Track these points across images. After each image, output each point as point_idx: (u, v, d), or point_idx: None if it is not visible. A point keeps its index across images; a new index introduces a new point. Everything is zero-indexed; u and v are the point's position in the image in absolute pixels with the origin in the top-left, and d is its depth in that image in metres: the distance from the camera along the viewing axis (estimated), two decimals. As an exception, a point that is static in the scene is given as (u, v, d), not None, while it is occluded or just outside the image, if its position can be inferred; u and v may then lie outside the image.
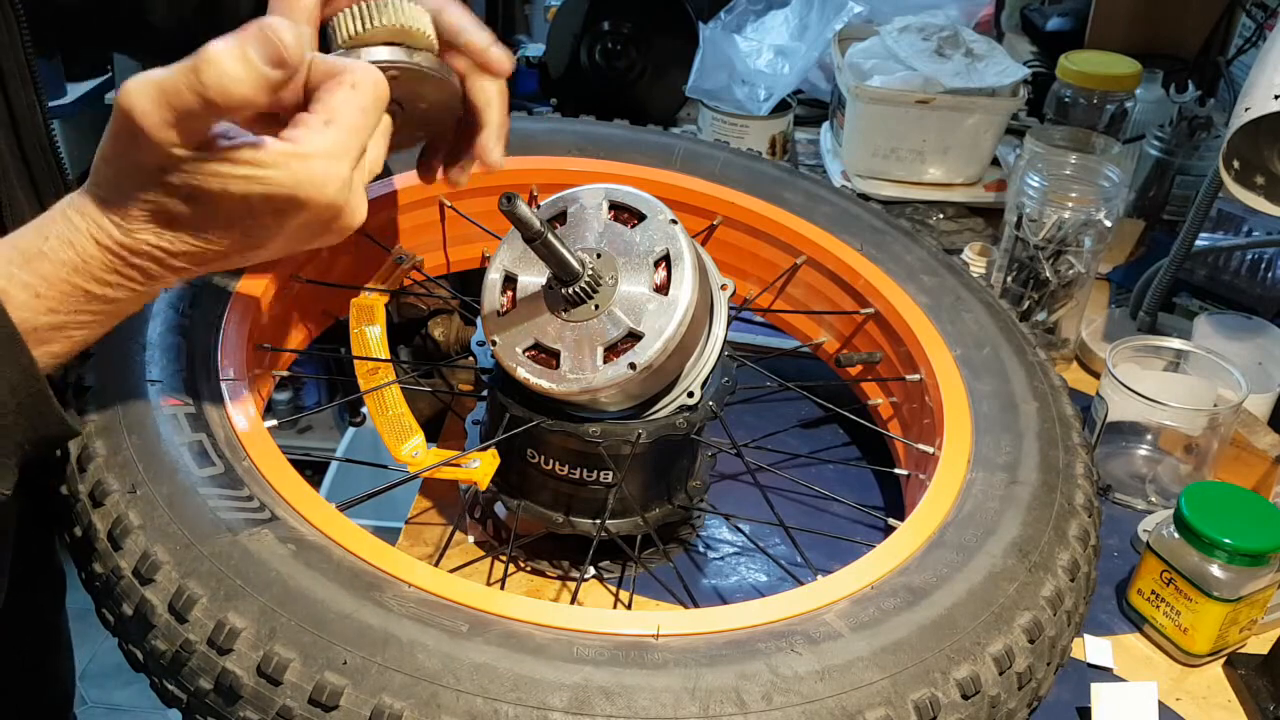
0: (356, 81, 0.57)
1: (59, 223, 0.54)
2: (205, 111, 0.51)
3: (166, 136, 0.51)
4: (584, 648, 0.58)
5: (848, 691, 0.57)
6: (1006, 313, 0.90)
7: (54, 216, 0.55)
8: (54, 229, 0.54)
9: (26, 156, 0.71)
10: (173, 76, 0.50)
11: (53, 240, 0.54)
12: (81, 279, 0.54)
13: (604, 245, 0.73)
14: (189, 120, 0.51)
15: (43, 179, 0.72)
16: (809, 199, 0.97)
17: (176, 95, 0.50)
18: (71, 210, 0.54)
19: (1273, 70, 0.87)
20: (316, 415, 2.66)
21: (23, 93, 0.69)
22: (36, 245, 0.54)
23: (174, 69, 0.51)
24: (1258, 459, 0.95)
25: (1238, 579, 0.78)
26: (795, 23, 1.48)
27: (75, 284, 0.54)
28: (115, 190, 0.54)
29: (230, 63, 0.51)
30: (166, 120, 0.51)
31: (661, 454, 0.78)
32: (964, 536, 0.69)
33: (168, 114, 0.51)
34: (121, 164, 0.53)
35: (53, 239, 0.54)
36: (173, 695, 0.59)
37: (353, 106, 0.56)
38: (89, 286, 0.55)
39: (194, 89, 0.50)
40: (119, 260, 0.55)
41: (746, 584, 0.84)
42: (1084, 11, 1.56)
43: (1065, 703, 0.76)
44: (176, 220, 0.54)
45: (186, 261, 0.56)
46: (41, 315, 0.54)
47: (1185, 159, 1.32)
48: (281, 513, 0.63)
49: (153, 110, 0.51)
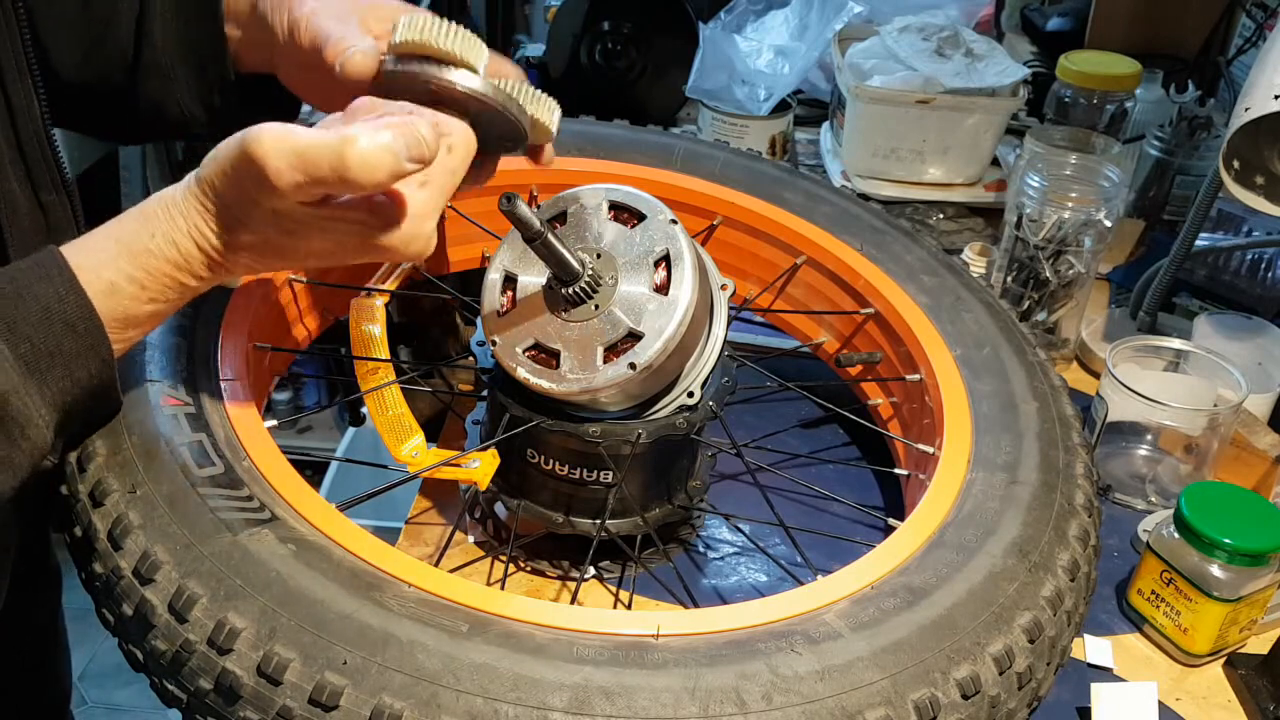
0: (454, 145, 0.62)
1: (164, 221, 0.59)
2: (338, 186, 0.56)
3: (294, 195, 0.56)
4: (584, 648, 0.58)
5: (848, 691, 0.57)
6: (1006, 313, 0.90)
7: (156, 213, 0.59)
8: (159, 227, 0.59)
9: (23, 150, 0.71)
10: (315, 147, 0.55)
11: (159, 239, 0.59)
12: (182, 275, 0.60)
13: (604, 245, 0.73)
14: (318, 187, 0.56)
15: (39, 173, 0.72)
16: (809, 199, 0.97)
17: (315, 166, 0.55)
18: (177, 212, 0.59)
19: (1273, 70, 0.87)
20: (316, 415, 2.66)
21: (20, 85, 0.69)
22: (142, 242, 0.59)
23: (314, 140, 0.55)
24: (1258, 459, 0.95)
25: (1238, 579, 0.78)
26: (795, 23, 1.48)
27: (176, 279, 0.60)
28: (226, 211, 0.59)
29: (379, 156, 0.55)
30: (297, 182, 0.56)
31: (661, 454, 0.78)
32: (964, 536, 0.69)
33: (300, 177, 0.56)
34: (240, 196, 0.58)
35: (159, 237, 0.59)
36: (173, 695, 0.59)
37: (446, 170, 0.61)
38: (187, 281, 0.60)
39: (335, 168, 0.55)
40: (216, 263, 0.60)
41: (746, 584, 0.84)
42: (1084, 11, 1.56)
43: (1065, 703, 0.76)
44: (273, 246, 0.60)
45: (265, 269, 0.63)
46: (144, 305, 0.60)
47: (1185, 159, 1.32)
48: (281, 513, 0.63)
49: (286, 171, 0.55)
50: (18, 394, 0.56)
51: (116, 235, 0.59)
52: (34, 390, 0.57)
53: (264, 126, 0.56)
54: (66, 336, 0.57)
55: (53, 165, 0.73)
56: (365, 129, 0.56)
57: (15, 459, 0.57)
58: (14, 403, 0.56)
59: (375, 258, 0.62)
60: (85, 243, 0.60)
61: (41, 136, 0.72)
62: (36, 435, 0.57)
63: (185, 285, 0.60)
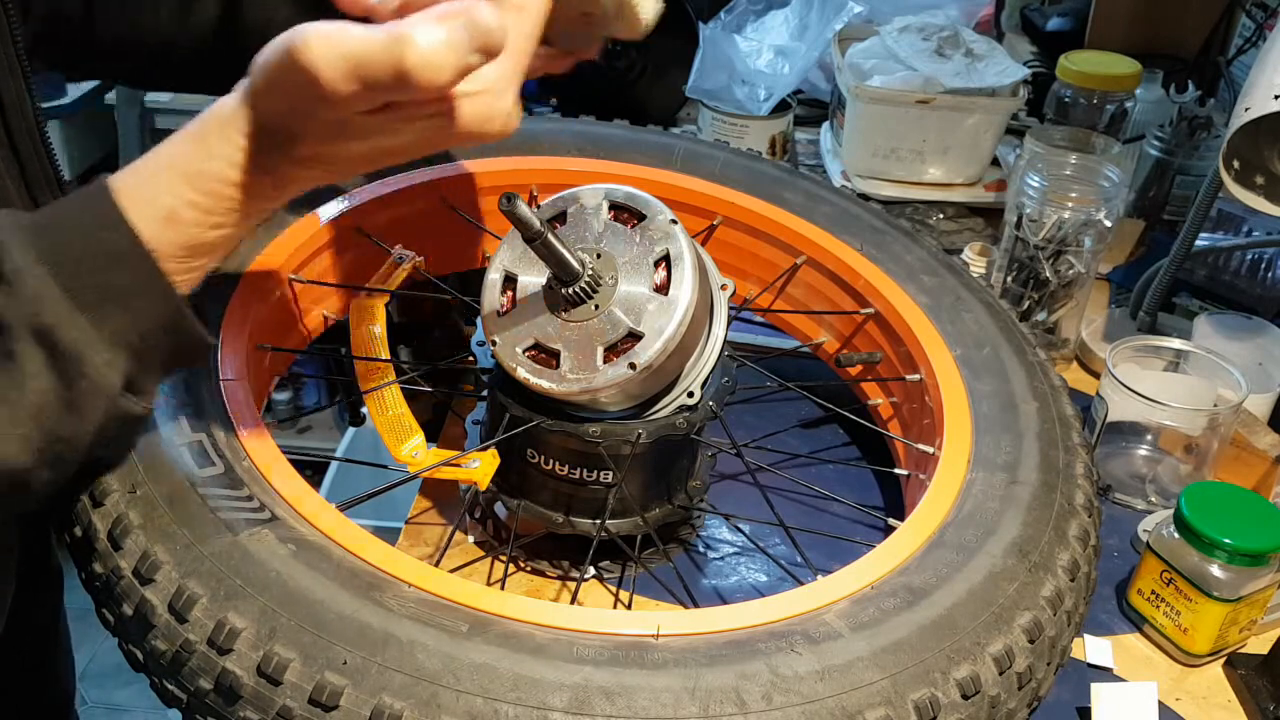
0: (524, 3, 0.55)
1: (220, 141, 0.54)
2: (398, 88, 0.51)
3: (352, 103, 0.51)
4: (584, 648, 0.58)
5: (848, 691, 0.57)
6: (1006, 313, 0.90)
7: (211, 131, 0.55)
8: (216, 148, 0.54)
9: (16, 146, 0.69)
10: (369, 50, 0.49)
11: (216, 160, 0.54)
12: (245, 195, 0.55)
13: (604, 245, 0.73)
14: (379, 91, 0.51)
15: (33, 171, 0.71)
16: (809, 199, 0.97)
17: (370, 70, 0.50)
18: (233, 130, 0.54)
19: (1273, 70, 0.87)
20: (316, 415, 2.66)
21: (11, 82, 0.68)
22: (197, 164, 0.54)
23: (368, 44, 0.49)
24: (1258, 459, 0.95)
25: (1238, 579, 0.78)
26: (795, 23, 1.47)
27: (239, 199, 0.55)
28: (284, 124, 0.54)
29: (440, 55, 0.50)
30: (354, 91, 0.50)
31: (661, 454, 0.78)
32: (964, 536, 0.69)
33: (356, 85, 0.50)
34: (293, 108, 0.53)
35: (216, 159, 0.54)
36: (173, 695, 0.59)
37: (520, 34, 0.55)
38: (252, 200, 0.56)
39: (394, 69, 0.49)
40: (282, 178, 0.56)
41: (746, 584, 0.84)
42: (1084, 11, 1.56)
43: (1065, 703, 0.76)
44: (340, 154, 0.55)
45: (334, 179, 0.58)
46: (209, 231, 0.55)
47: (1185, 159, 1.32)
48: (281, 513, 0.63)
49: (340, 80, 0.50)
50: (65, 327, 0.52)
51: (170, 160, 0.55)
52: (86, 324, 0.53)
53: (310, 28, 0.50)
54: (114, 268, 0.53)
55: (46, 163, 0.72)
56: (422, 23, 0.50)
57: (78, 401, 0.53)
58: (63, 336, 0.52)
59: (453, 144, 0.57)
60: (139, 167, 0.56)
61: (35, 134, 0.70)
62: (97, 375, 0.53)
63: (252, 206, 0.56)
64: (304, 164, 0.56)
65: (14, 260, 0.52)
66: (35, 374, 0.52)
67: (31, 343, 0.52)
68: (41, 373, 0.52)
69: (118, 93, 2.31)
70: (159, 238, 0.54)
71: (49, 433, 0.53)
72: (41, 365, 0.52)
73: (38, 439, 0.53)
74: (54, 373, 0.53)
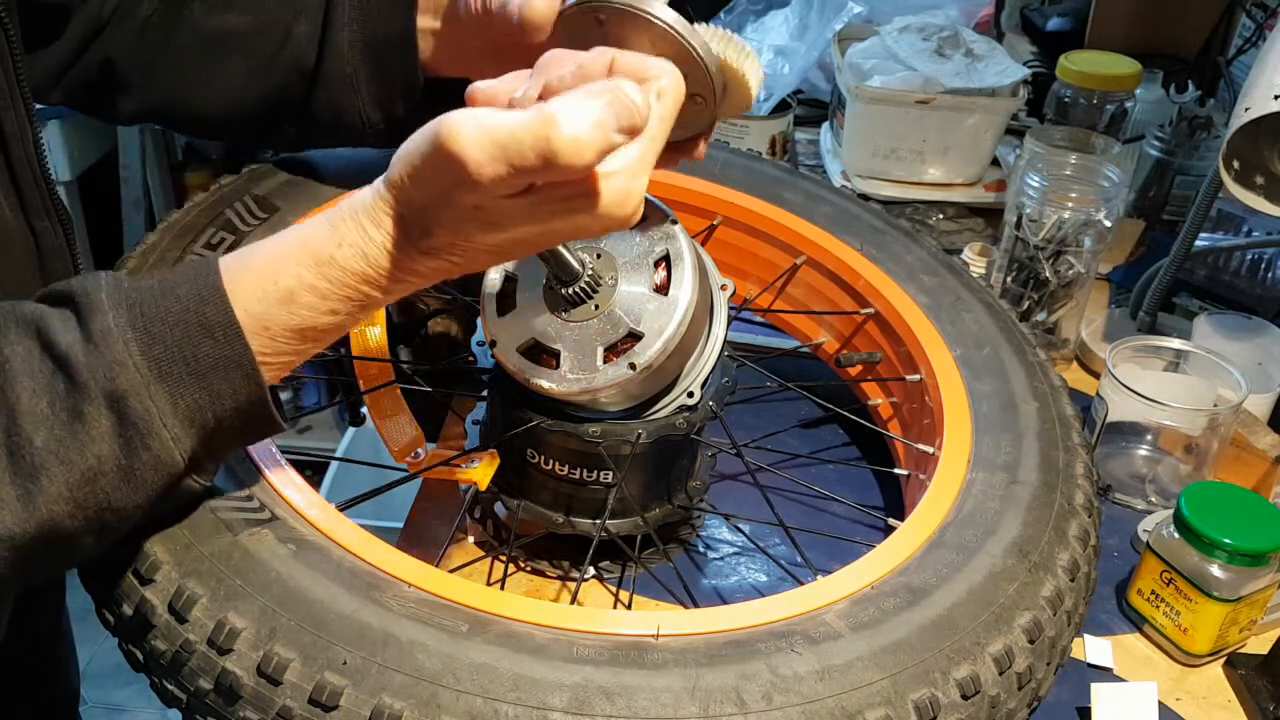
0: (663, 90, 0.55)
1: (353, 231, 0.54)
2: (545, 173, 0.50)
3: (496, 189, 0.51)
4: (584, 648, 0.58)
5: (848, 691, 0.57)
6: (1006, 313, 0.90)
7: (345, 220, 0.55)
8: (348, 236, 0.54)
9: (15, 176, 0.69)
10: (515, 134, 0.49)
11: (346, 249, 0.54)
12: (369, 287, 0.55)
13: (604, 245, 0.73)
14: (523, 177, 0.51)
15: (32, 200, 0.70)
16: (809, 199, 0.97)
17: (518, 154, 0.49)
18: (368, 221, 0.54)
19: (1273, 70, 0.87)
20: (316, 415, 2.66)
21: (11, 111, 0.67)
22: (329, 251, 0.54)
23: (514, 128, 0.49)
24: (1258, 459, 0.95)
25: (1238, 579, 0.78)
26: (795, 23, 1.48)
27: (362, 291, 0.55)
28: (421, 215, 0.54)
29: (588, 135, 0.49)
30: (499, 175, 0.50)
31: (661, 454, 0.78)
32: (964, 536, 0.69)
33: (503, 170, 0.50)
34: (435, 195, 0.53)
35: (346, 247, 0.54)
36: (173, 695, 0.59)
37: (658, 118, 0.54)
38: (373, 294, 0.55)
39: (541, 153, 0.49)
40: (406, 274, 0.55)
41: (746, 584, 0.84)
42: (1084, 11, 1.56)
43: (1065, 703, 0.76)
44: (472, 245, 0.55)
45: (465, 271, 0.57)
46: (323, 316, 0.55)
47: (1185, 159, 1.32)
48: (281, 513, 0.63)
49: (488, 164, 0.50)
50: (139, 397, 0.52)
51: (300, 242, 0.55)
52: (162, 397, 0.52)
53: (457, 116, 0.50)
54: (204, 342, 0.52)
55: (45, 192, 0.71)
56: (568, 106, 0.50)
57: (137, 472, 0.53)
58: (134, 406, 0.52)
59: (587, 229, 0.55)
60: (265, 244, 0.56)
61: (34, 163, 0.70)
62: (161, 449, 0.53)
63: (370, 298, 0.56)
64: (434, 254, 0.55)
65: (105, 321, 0.52)
66: (99, 438, 0.52)
67: (102, 406, 0.52)
68: (106, 438, 0.52)
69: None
70: (272, 315, 0.54)
71: (101, 500, 0.53)
72: (108, 430, 0.52)
73: (89, 504, 0.52)
74: (119, 440, 0.52)
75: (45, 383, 0.51)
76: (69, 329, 0.52)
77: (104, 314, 0.52)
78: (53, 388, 0.51)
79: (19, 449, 0.51)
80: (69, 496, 0.52)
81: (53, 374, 0.52)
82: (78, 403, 0.51)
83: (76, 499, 0.52)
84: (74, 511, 0.52)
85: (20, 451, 0.51)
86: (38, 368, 0.51)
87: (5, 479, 0.51)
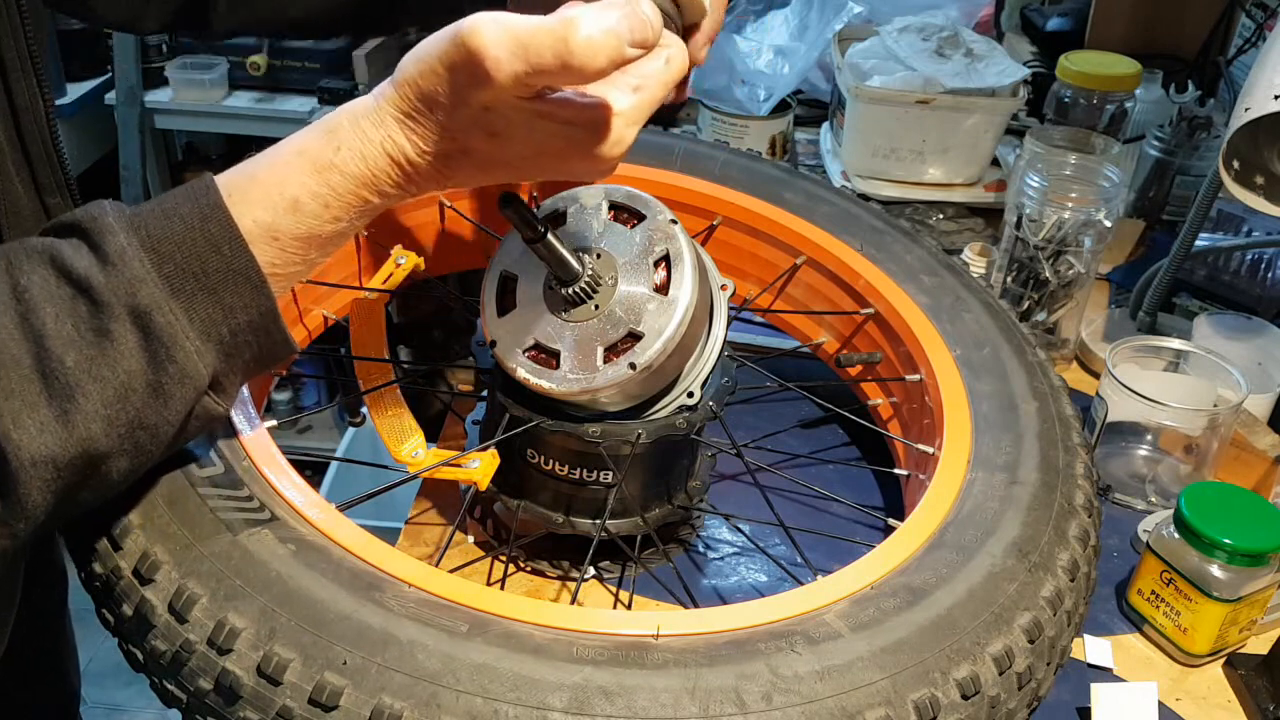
0: (671, 58, 0.58)
1: (350, 134, 0.56)
2: (559, 74, 0.53)
3: (512, 87, 0.53)
4: (584, 648, 0.58)
5: (848, 691, 0.57)
6: (1006, 313, 0.90)
7: (342, 124, 0.56)
8: (345, 139, 0.55)
9: (27, 149, 0.69)
10: (536, 34, 0.52)
11: (344, 152, 0.55)
12: (368, 191, 0.56)
13: (604, 245, 0.73)
14: (538, 77, 0.53)
15: (43, 174, 0.70)
16: (809, 199, 0.97)
17: (537, 54, 0.52)
18: (366, 123, 0.56)
19: (1273, 70, 0.87)
20: (316, 415, 2.66)
21: (24, 83, 0.68)
22: (327, 156, 0.55)
23: (536, 27, 0.52)
24: (1258, 459, 0.95)
25: (1238, 579, 0.78)
26: (795, 23, 1.48)
27: (362, 196, 0.56)
28: (429, 115, 0.55)
29: (603, 39, 0.52)
30: (517, 73, 0.52)
31: (661, 454, 0.78)
32: (964, 536, 0.69)
33: (521, 67, 0.52)
34: (450, 94, 0.54)
35: (344, 150, 0.55)
36: (173, 695, 0.59)
37: (660, 81, 0.58)
38: (372, 198, 0.57)
39: (558, 55, 0.51)
40: (406, 177, 0.57)
41: (746, 584, 0.84)
42: (1084, 11, 1.56)
43: (1065, 703, 0.76)
44: (474, 152, 0.56)
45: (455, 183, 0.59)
46: (327, 224, 0.56)
47: (1185, 159, 1.32)
48: (281, 513, 0.63)
49: (507, 61, 0.52)
50: (161, 310, 0.53)
51: (299, 149, 0.56)
52: (180, 311, 0.53)
53: (480, 17, 0.52)
54: (211, 257, 0.54)
55: (56, 166, 0.72)
56: (587, 12, 0.52)
57: (166, 387, 0.54)
58: (158, 320, 0.53)
59: (574, 166, 0.58)
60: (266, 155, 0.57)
61: (46, 137, 0.70)
62: (186, 361, 0.54)
63: (369, 203, 0.57)
64: (436, 160, 0.57)
65: (119, 242, 0.53)
66: (128, 354, 0.53)
67: (128, 323, 0.53)
68: (134, 353, 0.53)
69: (117, 92, 2.31)
70: (280, 224, 0.55)
71: (134, 417, 0.54)
72: (135, 346, 0.53)
73: (122, 421, 0.53)
74: (146, 355, 0.53)
75: (68, 307, 0.52)
76: (81, 255, 0.53)
77: (115, 235, 0.53)
78: (76, 310, 0.52)
79: (52, 372, 0.52)
80: (104, 414, 0.53)
81: (73, 298, 0.52)
82: (104, 322, 0.52)
83: (110, 417, 0.53)
84: (108, 430, 0.53)
85: (54, 374, 0.52)
86: (56, 293, 0.52)
87: (41, 402, 0.52)
